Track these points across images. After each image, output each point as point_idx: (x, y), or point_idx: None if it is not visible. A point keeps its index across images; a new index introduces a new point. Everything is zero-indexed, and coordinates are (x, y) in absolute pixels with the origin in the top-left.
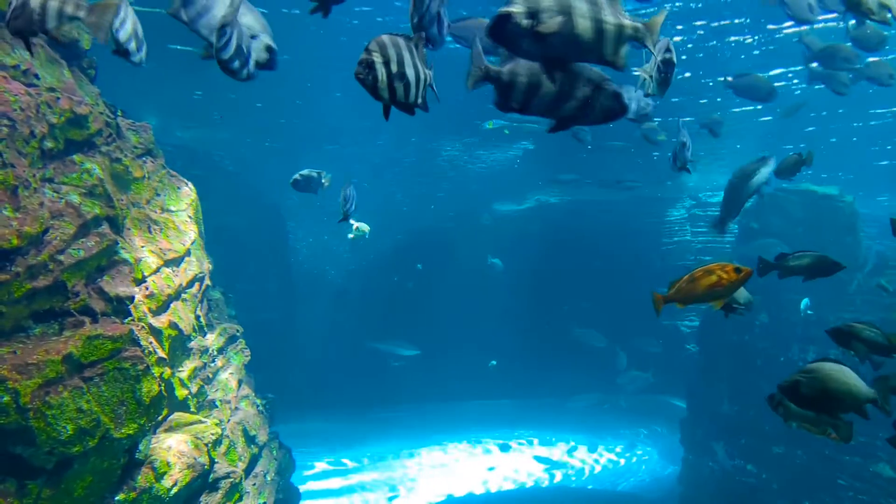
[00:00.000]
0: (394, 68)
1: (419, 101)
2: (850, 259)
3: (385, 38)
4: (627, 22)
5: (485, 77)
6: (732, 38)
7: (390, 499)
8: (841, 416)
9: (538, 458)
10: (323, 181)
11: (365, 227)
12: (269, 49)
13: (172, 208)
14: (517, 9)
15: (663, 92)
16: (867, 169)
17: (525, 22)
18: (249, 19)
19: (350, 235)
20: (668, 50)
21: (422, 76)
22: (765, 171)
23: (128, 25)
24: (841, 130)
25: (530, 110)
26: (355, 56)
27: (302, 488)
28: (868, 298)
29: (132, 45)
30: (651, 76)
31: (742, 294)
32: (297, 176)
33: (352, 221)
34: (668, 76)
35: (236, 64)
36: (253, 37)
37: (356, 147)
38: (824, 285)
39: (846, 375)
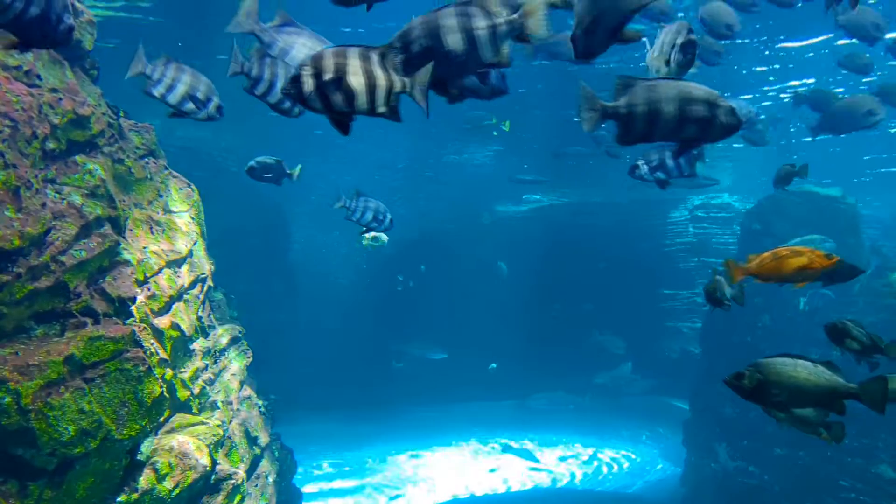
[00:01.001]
0: (328, 78)
1: (380, 109)
2: (853, 261)
3: (328, 50)
4: (502, 19)
5: (603, 115)
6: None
7: (392, 497)
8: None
9: (539, 460)
10: (289, 171)
11: (384, 237)
12: None
13: (175, 209)
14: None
15: (684, 74)
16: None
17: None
18: (205, 83)
19: (364, 243)
20: (689, 31)
21: (380, 83)
22: (877, 119)
23: (179, 88)
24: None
25: (653, 138)
26: None
27: (304, 490)
28: (871, 300)
29: (189, 106)
30: (670, 60)
31: (728, 288)
32: (252, 163)
33: (374, 234)
34: (691, 58)
35: (286, 104)
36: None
37: (356, 148)
38: (828, 287)
39: (796, 370)
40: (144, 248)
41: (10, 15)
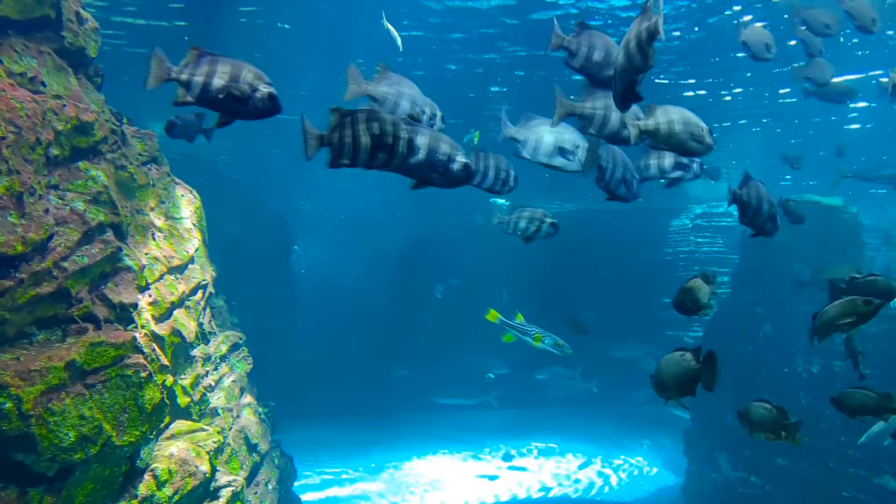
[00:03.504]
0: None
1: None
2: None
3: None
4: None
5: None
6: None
7: None
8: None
9: (530, 467)
10: (204, 128)
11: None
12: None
13: (176, 216)
14: None
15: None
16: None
17: None
18: (571, 135)
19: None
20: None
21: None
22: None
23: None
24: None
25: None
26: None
27: (303, 497)
28: None
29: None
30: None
31: (705, 294)
32: (173, 118)
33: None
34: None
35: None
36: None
37: None
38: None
39: (667, 363)
40: (146, 254)
41: (196, 91)
